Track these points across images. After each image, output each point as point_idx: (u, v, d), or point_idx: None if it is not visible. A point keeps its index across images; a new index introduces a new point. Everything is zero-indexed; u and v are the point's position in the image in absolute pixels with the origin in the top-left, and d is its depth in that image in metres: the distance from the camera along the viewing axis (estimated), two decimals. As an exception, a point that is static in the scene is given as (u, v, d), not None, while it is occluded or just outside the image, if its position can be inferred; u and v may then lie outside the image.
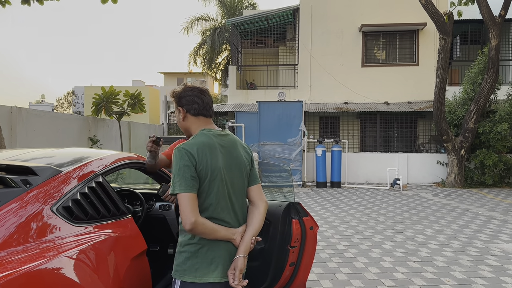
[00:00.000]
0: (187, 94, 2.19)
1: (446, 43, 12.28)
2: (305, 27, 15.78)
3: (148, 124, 15.91)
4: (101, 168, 2.64)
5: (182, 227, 2.02)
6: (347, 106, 14.79)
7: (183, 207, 1.93)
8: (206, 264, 2.00)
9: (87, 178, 2.46)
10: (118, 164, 2.83)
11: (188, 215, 1.92)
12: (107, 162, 2.74)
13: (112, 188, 2.69)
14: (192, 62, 27.90)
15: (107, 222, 2.45)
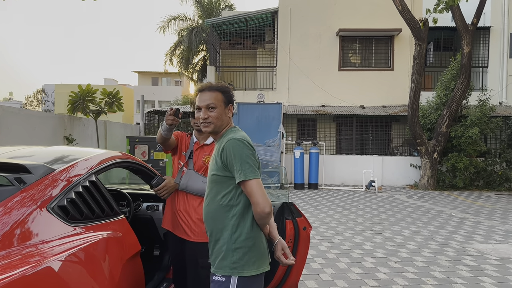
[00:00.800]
0: (233, 95, 2.29)
1: (421, 49, 12.60)
2: (283, 30, 15.89)
3: (124, 124, 15.64)
4: (94, 166, 2.58)
5: (233, 223, 2.03)
6: (324, 109, 14.96)
7: (260, 192, 1.96)
8: (261, 255, 2.07)
9: (81, 177, 2.40)
10: (110, 163, 2.77)
11: (267, 199, 1.97)
12: (99, 161, 2.68)
13: (105, 187, 2.63)
14: (168, 61, 27.62)
15: (102, 222, 2.39)
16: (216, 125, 2.19)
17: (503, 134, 13.94)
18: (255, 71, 17.43)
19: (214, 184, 2.13)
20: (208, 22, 16.74)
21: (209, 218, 2.15)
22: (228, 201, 2.08)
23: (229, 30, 17.64)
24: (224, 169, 2.08)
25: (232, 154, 2.02)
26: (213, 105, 2.18)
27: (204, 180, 2.87)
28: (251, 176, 1.98)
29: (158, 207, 3.69)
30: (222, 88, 2.23)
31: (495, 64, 15.63)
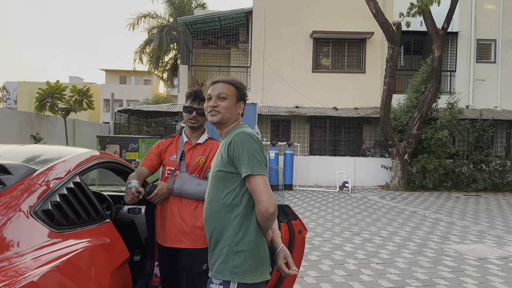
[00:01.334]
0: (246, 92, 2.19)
1: (394, 52, 12.79)
2: (258, 30, 15.80)
3: (93, 123, 15.12)
4: (78, 166, 2.37)
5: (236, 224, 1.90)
6: (298, 110, 14.97)
7: (266, 189, 1.83)
8: (262, 262, 1.94)
9: (65, 178, 2.19)
10: (94, 162, 2.57)
11: (272, 198, 1.84)
12: (82, 160, 2.48)
13: (90, 189, 2.43)
14: (138, 60, 27.05)
15: (88, 227, 2.20)
16: (224, 116, 2.06)
17: (470, 137, 14.34)
18: (229, 71, 17.25)
19: (217, 180, 2.00)
20: (181, 20, 16.44)
21: (211, 217, 2.00)
22: (232, 200, 1.94)
23: (202, 29, 17.39)
24: (230, 164, 1.95)
25: (240, 147, 1.90)
26: (225, 95, 2.07)
27: (200, 183, 2.71)
28: (258, 171, 1.85)
29: (140, 210, 3.48)
30: (237, 84, 2.14)
31: (463, 68, 16.08)
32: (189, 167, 2.78)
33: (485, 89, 15.93)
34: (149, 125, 17.65)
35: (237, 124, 2.11)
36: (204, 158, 2.78)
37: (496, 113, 15.25)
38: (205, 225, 2.06)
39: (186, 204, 2.76)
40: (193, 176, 2.75)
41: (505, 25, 15.80)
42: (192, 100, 2.81)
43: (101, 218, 2.39)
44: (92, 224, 2.24)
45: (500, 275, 5.00)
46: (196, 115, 2.79)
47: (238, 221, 1.91)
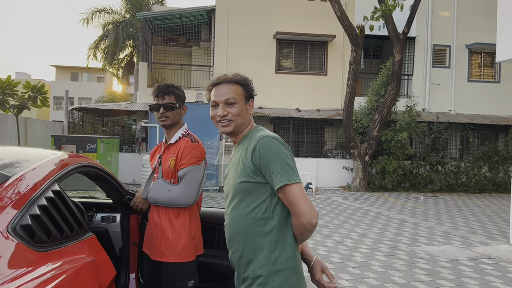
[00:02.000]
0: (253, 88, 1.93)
1: (357, 55, 12.94)
2: (221, 29, 15.53)
3: (46, 121, 14.24)
4: (55, 172, 2.05)
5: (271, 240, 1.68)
6: (262, 110, 14.84)
7: (305, 199, 1.64)
8: (302, 278, 1.75)
9: (43, 185, 1.87)
10: (72, 167, 2.24)
11: (313, 207, 1.65)
12: (60, 165, 2.15)
13: (70, 198, 2.12)
14: (92, 56, 25.94)
15: (71, 243, 1.89)
16: (237, 123, 1.83)
17: (427, 139, 14.79)
18: (190, 70, 16.86)
19: (243, 193, 1.75)
20: (141, 16, 15.86)
21: (238, 235, 1.76)
22: (263, 213, 1.71)
23: (163, 26, 16.87)
24: (256, 174, 1.71)
25: (268, 154, 1.67)
26: (233, 100, 1.82)
27: (170, 189, 2.47)
28: (293, 180, 1.64)
29: (115, 219, 3.17)
30: (242, 81, 1.88)
31: (419, 72, 16.59)
32: (163, 172, 2.56)
33: (440, 93, 16.51)
34: (106, 124, 16.88)
35: (252, 127, 1.89)
36: (174, 160, 2.52)
37: (451, 116, 15.84)
38: (231, 246, 1.83)
39: (165, 213, 2.53)
40: (166, 181, 2.52)
41: (459, 32, 16.45)
42: (156, 96, 2.59)
43: (84, 231, 2.08)
44: (75, 239, 1.94)
45: (474, 276, 5.06)
46: (164, 111, 2.55)
47: (273, 236, 1.70)
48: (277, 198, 1.71)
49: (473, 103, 16.52)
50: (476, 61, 17.01)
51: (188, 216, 2.54)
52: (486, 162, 14.63)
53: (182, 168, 2.48)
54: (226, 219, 1.87)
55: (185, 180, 2.46)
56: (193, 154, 2.49)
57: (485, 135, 16.46)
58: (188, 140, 2.54)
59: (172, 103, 2.55)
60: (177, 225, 2.51)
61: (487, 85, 16.73)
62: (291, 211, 1.68)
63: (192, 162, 2.48)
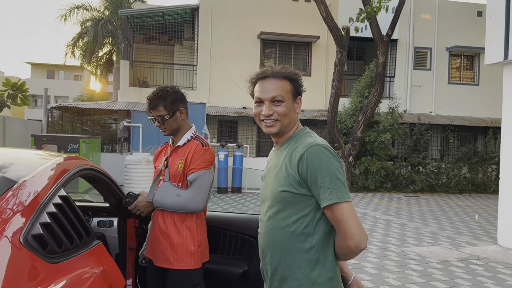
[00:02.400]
0: (302, 83, 1.72)
1: (342, 56, 12.98)
2: (205, 28, 15.38)
3: (24, 120, 13.79)
4: (61, 176, 1.92)
5: (311, 258, 1.55)
6: (246, 111, 14.76)
7: (355, 219, 1.49)
8: None
9: (50, 191, 1.75)
10: (75, 170, 2.10)
11: (363, 229, 1.50)
12: (64, 168, 2.02)
13: (75, 202, 1.99)
14: (70, 53, 25.34)
15: (81, 253, 1.77)
16: (283, 123, 1.65)
17: (409, 140, 14.98)
18: (173, 69, 16.63)
19: (283, 204, 1.60)
20: (123, 14, 15.56)
21: (274, 248, 1.62)
22: (304, 228, 1.56)
23: (144, 24, 16.60)
24: (300, 185, 1.55)
25: (317, 166, 1.50)
26: (281, 98, 1.64)
27: (179, 193, 2.36)
28: (344, 198, 1.48)
29: (112, 223, 3.05)
30: (291, 75, 1.68)
31: (401, 74, 16.80)
32: (170, 175, 2.45)
33: (421, 95, 16.76)
34: (85, 123, 16.49)
35: (298, 128, 1.72)
36: (183, 163, 2.41)
37: (431, 117, 16.09)
38: (264, 257, 1.70)
39: (171, 218, 2.42)
40: (173, 185, 2.41)
41: (440, 35, 16.73)
42: (148, 109, 2.51)
43: (91, 239, 1.96)
44: (84, 248, 1.82)
45: (466, 278, 5.10)
46: (159, 124, 2.47)
47: (313, 254, 1.55)
48: (321, 213, 1.56)
49: (453, 105, 16.82)
50: (456, 64, 17.35)
51: (195, 221, 2.44)
52: (466, 163, 14.92)
53: (192, 172, 2.37)
54: (261, 227, 1.74)
55: (195, 184, 2.36)
56: (203, 158, 2.40)
57: (465, 137, 16.80)
58: (199, 144, 2.44)
59: (162, 115, 2.43)
60: (183, 231, 2.41)
61: (467, 88, 17.07)
62: (338, 231, 1.53)
63: (203, 167, 2.38)
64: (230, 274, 2.72)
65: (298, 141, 1.64)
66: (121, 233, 3.04)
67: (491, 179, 14.87)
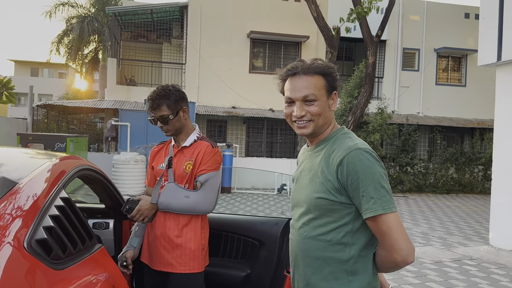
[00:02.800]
0: (337, 75, 1.57)
1: (332, 57, 12.96)
2: (194, 26, 15.23)
3: (9, 118, 13.48)
4: (61, 176, 1.82)
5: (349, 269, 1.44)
6: (236, 110, 14.67)
7: (403, 231, 1.37)
8: None
9: (52, 192, 1.65)
10: (74, 170, 2.00)
11: (410, 242, 1.38)
12: (64, 168, 1.92)
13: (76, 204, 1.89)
14: (55, 51, 24.90)
15: (85, 258, 1.67)
16: (318, 124, 1.52)
17: (397, 141, 15.07)
18: (161, 67, 16.45)
19: (319, 211, 1.47)
20: (110, 11, 15.33)
21: (308, 257, 1.51)
22: (341, 238, 1.44)
23: (133, 21, 16.37)
24: (339, 193, 1.43)
25: (360, 172, 1.38)
26: (313, 96, 1.50)
27: (188, 195, 2.27)
28: (390, 209, 1.36)
29: (108, 225, 2.94)
30: (324, 69, 1.52)
31: (390, 75, 16.90)
32: (176, 176, 2.34)
33: (409, 96, 16.88)
34: (71, 122, 16.21)
35: (334, 127, 1.59)
36: (192, 164, 2.33)
37: (419, 118, 16.21)
38: (296, 265, 1.59)
39: (174, 220, 2.32)
40: (180, 186, 2.31)
41: (428, 36, 16.88)
42: (150, 109, 2.38)
43: (93, 242, 1.87)
44: (87, 252, 1.72)
45: (460, 278, 5.10)
46: (161, 125, 2.36)
47: (352, 265, 1.44)
48: (361, 222, 1.44)
49: (441, 106, 16.99)
50: (444, 65, 17.52)
51: (200, 224, 2.36)
52: (453, 164, 15.07)
53: (202, 174, 2.30)
54: (292, 233, 1.62)
55: (206, 186, 2.29)
56: (214, 159, 2.33)
57: (452, 137, 16.98)
58: (209, 145, 2.37)
59: (166, 115, 2.33)
60: (187, 233, 2.32)
61: (454, 89, 17.25)
62: (382, 243, 1.41)
63: (213, 168, 2.32)
64: (232, 277, 2.64)
65: (336, 143, 1.51)
66: (117, 235, 2.95)
67: (477, 179, 15.05)
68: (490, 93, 17.56)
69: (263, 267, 2.56)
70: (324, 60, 1.60)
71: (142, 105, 13.25)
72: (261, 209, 9.91)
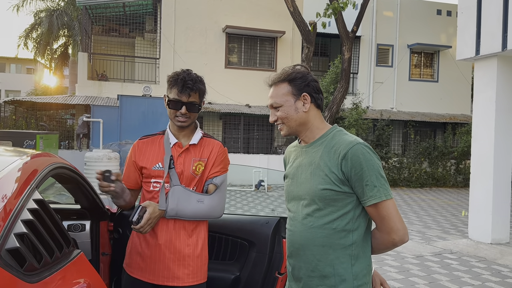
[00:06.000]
0: (312, 79, 1.70)
1: (309, 52, 12.92)
2: (167, 21, 14.89)
3: (-28, 115, 12.84)
4: (33, 176, 1.63)
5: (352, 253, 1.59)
6: (211, 106, 14.45)
7: (398, 215, 1.57)
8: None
9: (24, 194, 1.46)
10: (47, 169, 1.80)
11: (404, 224, 1.59)
12: (36, 167, 1.73)
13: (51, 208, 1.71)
14: (23, 45, 24.02)
15: (62, 266, 1.49)
16: (290, 125, 1.70)
17: (372, 135, 15.20)
18: (134, 62, 16.03)
19: (324, 201, 1.59)
20: (81, 4, 14.79)
21: (314, 246, 1.61)
22: (345, 225, 1.58)
23: (104, 15, 15.89)
24: (343, 183, 1.57)
25: (364, 164, 1.54)
26: (277, 104, 1.69)
27: (201, 199, 2.03)
28: (389, 195, 1.55)
29: (84, 227, 2.74)
30: (288, 76, 1.69)
31: (364, 71, 17.02)
32: (183, 178, 2.05)
33: (383, 91, 17.06)
34: (40, 118, 15.62)
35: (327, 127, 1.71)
36: (203, 165, 2.09)
37: (393, 113, 16.40)
38: (299, 255, 1.65)
39: (181, 226, 2.05)
40: (189, 190, 2.05)
41: (401, 32, 17.08)
42: (179, 91, 2.02)
43: (71, 248, 1.69)
44: (65, 260, 1.54)
45: (443, 272, 5.11)
46: (186, 111, 2.03)
47: (354, 249, 1.59)
48: (361, 209, 1.60)
49: (414, 101, 17.24)
50: (417, 61, 17.78)
51: (205, 228, 2.15)
52: (426, 158, 15.32)
53: (217, 176, 2.10)
54: (294, 225, 1.69)
55: (221, 189, 2.10)
56: (227, 160, 2.17)
57: (425, 132, 17.27)
58: (220, 144, 2.16)
59: (198, 103, 2.07)
60: (193, 240, 2.08)
61: (427, 84, 17.54)
62: (380, 227, 1.59)
63: (226, 170, 2.15)
64: (220, 280, 2.49)
65: (335, 139, 1.65)
66: (94, 238, 2.76)
67: (450, 173, 15.36)
68: (462, 88, 18.03)
69: (253, 269, 2.42)
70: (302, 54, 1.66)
71: (115, 101, 12.86)
72: (240, 206, 9.78)
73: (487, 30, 5.86)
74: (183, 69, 2.12)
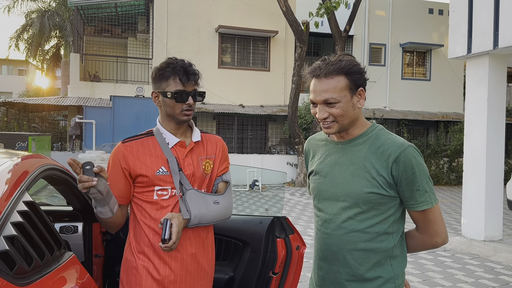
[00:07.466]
0: (363, 71, 1.56)
1: (302, 51, 12.96)
2: (160, 21, 14.85)
3: (-37, 117, 12.72)
4: (24, 177, 1.61)
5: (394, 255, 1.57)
6: (205, 106, 14.43)
7: (442, 220, 1.58)
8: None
9: (14, 196, 1.44)
10: (38, 171, 1.78)
11: (446, 227, 1.60)
12: (26, 168, 1.71)
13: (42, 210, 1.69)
14: (14, 47, 23.83)
15: (53, 269, 1.48)
16: (342, 123, 1.53)
17: (366, 135, 15.24)
18: (126, 62, 15.96)
19: (368, 205, 1.52)
20: (72, 4, 14.70)
21: (356, 249, 1.55)
22: (387, 228, 1.55)
23: (96, 15, 15.81)
24: (391, 187, 1.51)
25: (415, 169, 1.49)
26: (333, 100, 1.49)
27: (216, 200, 1.83)
28: (437, 200, 1.56)
29: (77, 229, 2.72)
30: (345, 68, 1.48)
31: (358, 70, 17.04)
32: (194, 180, 1.82)
33: (376, 91, 17.11)
34: (32, 120, 15.51)
35: (366, 123, 1.62)
36: (211, 163, 1.89)
37: (386, 112, 16.46)
38: (337, 261, 1.57)
39: (196, 235, 1.83)
40: (203, 192, 1.83)
41: (393, 31, 17.15)
42: (183, 80, 1.78)
43: (63, 250, 1.67)
44: (56, 263, 1.53)
45: (437, 270, 5.13)
46: (192, 104, 1.80)
47: (394, 251, 1.56)
48: (401, 212, 1.58)
49: (406, 100, 17.32)
50: (409, 59, 17.86)
51: (212, 231, 2.00)
52: (420, 156, 15.39)
53: (225, 173, 1.97)
54: (331, 228, 1.58)
55: (230, 186, 1.98)
56: (227, 155, 2.02)
57: (417, 131, 17.35)
58: (221, 139, 2.01)
59: (202, 93, 1.86)
60: (210, 247, 1.92)
61: (419, 83, 17.62)
62: (424, 230, 1.58)
63: (229, 165, 2.03)
64: (214, 281, 2.48)
65: (380, 138, 1.55)
66: (86, 240, 2.74)
67: (443, 171, 15.44)
68: (454, 87, 18.13)
69: (247, 269, 2.41)
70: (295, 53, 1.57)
71: (108, 102, 12.80)
72: (234, 206, 9.75)
73: (479, 28, 5.89)
74: (170, 58, 1.91)
